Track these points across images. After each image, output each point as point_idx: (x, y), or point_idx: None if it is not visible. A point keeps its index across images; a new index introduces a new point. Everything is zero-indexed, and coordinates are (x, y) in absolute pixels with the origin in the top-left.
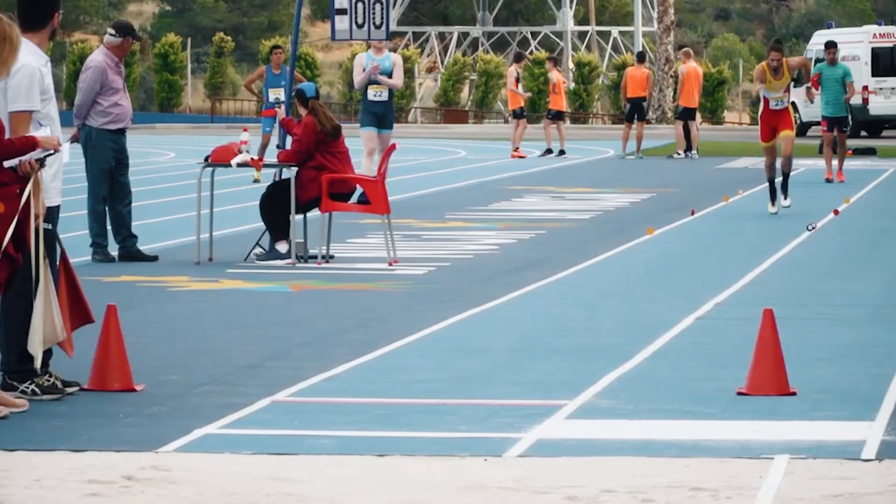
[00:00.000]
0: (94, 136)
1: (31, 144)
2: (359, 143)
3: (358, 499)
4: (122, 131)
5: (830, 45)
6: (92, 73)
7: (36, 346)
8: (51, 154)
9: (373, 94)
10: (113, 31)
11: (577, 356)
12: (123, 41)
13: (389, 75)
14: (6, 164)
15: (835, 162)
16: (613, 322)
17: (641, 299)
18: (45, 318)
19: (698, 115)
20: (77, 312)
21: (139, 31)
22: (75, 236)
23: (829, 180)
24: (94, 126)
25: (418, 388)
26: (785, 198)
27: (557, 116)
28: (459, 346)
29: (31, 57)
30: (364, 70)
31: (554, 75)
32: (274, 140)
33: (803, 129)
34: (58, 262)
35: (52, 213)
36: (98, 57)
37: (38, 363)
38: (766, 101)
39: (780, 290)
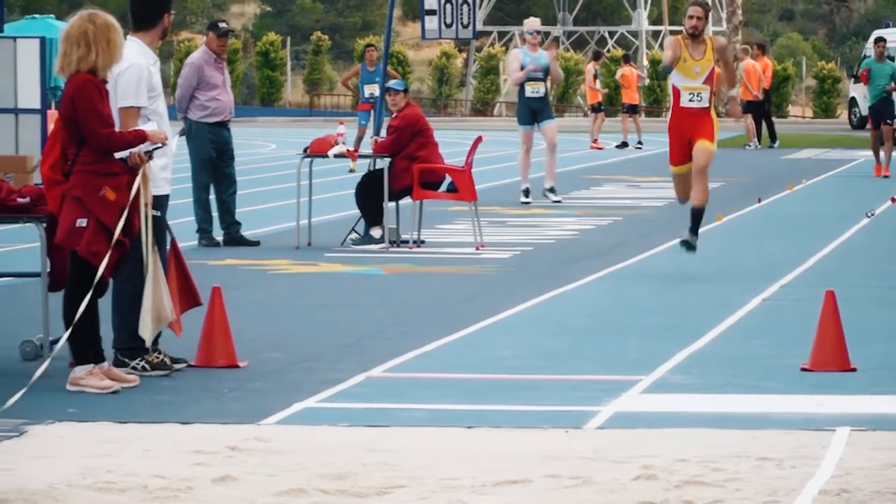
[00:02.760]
0: (193, 128)
1: (141, 138)
2: (447, 136)
3: (447, 468)
4: (221, 124)
5: (879, 40)
6: (188, 69)
7: (146, 329)
8: (158, 147)
9: (530, 90)
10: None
11: (651, 335)
12: (207, 35)
13: (546, 71)
14: (117, 155)
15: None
16: (685, 303)
17: (711, 281)
18: (155, 302)
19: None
20: (186, 296)
21: (240, 31)
22: (183, 223)
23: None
24: (193, 119)
25: (504, 365)
26: (692, 235)
27: (632, 110)
28: (542, 325)
29: (140, 56)
30: (522, 68)
31: (622, 70)
32: (369, 132)
33: (862, 122)
34: (168, 248)
35: (160, 202)
36: (196, 55)
37: (149, 343)
38: (677, 95)
39: (841, 272)
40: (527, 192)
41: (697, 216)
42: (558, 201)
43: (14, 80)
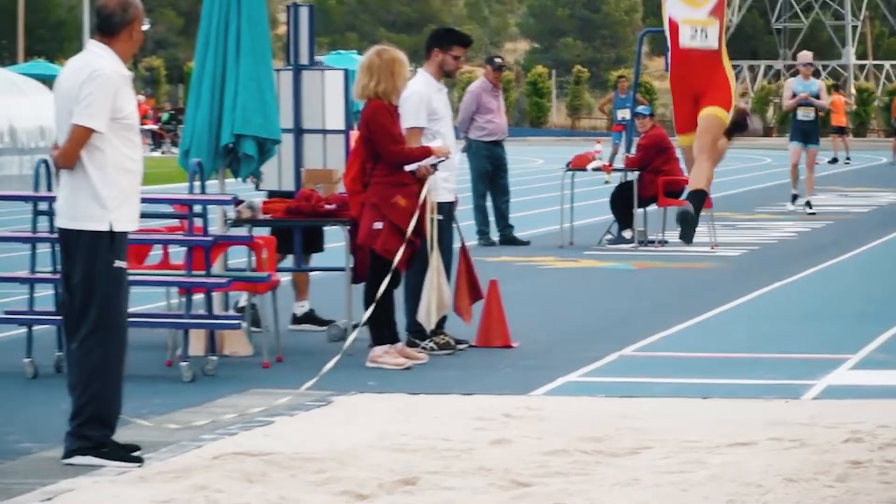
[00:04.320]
0: (472, 146)
1: (427, 153)
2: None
3: (687, 432)
4: (497, 143)
5: None
6: (468, 97)
7: (425, 317)
8: (442, 160)
9: (802, 114)
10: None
11: (859, 319)
12: (485, 68)
13: (816, 97)
14: (407, 168)
15: None
16: (890, 292)
17: None
18: (437, 292)
19: None
20: (472, 291)
21: (513, 64)
22: (464, 226)
23: None
24: (473, 138)
25: (734, 345)
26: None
27: (840, 131)
28: (766, 312)
29: (422, 85)
30: (794, 95)
31: (833, 97)
32: (621, 150)
33: None
34: (458, 248)
35: (441, 207)
36: (475, 84)
37: (430, 327)
38: (675, 32)
39: None
40: (794, 199)
41: (697, 199)
42: (813, 213)
43: (322, 105)
